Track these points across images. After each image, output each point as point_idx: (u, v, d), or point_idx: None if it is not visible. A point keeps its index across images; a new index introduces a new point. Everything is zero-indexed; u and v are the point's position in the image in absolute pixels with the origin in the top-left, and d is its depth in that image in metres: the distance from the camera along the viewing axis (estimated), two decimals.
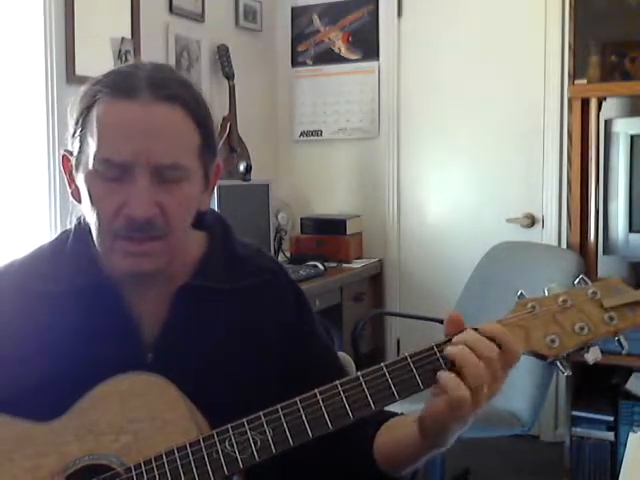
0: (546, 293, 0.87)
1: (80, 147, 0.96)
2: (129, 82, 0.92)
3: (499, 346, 0.83)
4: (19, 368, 0.98)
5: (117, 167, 0.92)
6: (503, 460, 3.06)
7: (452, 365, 0.83)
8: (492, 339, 0.83)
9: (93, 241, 0.97)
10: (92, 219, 0.95)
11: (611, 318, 0.84)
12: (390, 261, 3.63)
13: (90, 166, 0.93)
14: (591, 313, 0.85)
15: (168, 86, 0.93)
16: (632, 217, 2.77)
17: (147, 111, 0.91)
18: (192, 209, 0.99)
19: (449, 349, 0.83)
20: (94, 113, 0.93)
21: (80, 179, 0.97)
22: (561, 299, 0.86)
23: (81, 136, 0.95)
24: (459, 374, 0.82)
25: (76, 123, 0.96)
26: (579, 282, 0.87)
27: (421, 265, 3.57)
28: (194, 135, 0.95)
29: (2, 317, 1.02)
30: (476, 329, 0.85)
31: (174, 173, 0.93)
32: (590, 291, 0.86)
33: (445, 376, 0.82)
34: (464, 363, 0.82)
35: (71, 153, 0.98)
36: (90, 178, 0.94)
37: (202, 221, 1.08)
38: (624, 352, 0.83)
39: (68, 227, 1.07)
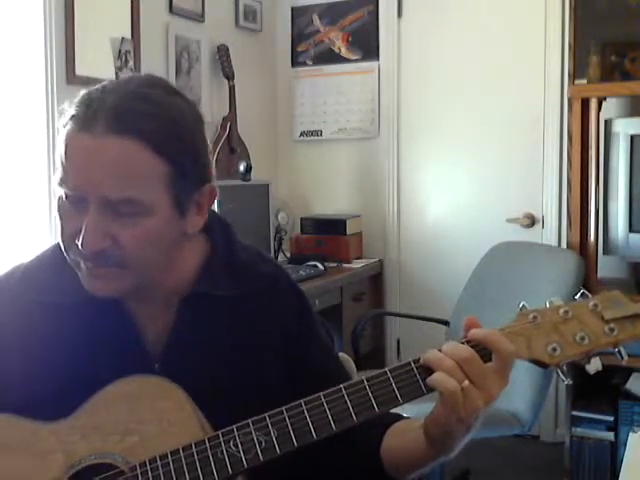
0: (547, 306, 0.89)
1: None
2: (89, 112, 0.90)
3: (490, 349, 0.86)
4: (23, 380, 0.99)
5: (71, 196, 0.92)
6: (503, 460, 3.06)
7: None
8: (480, 343, 0.86)
9: None
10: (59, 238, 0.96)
11: (611, 329, 0.85)
12: (390, 261, 3.64)
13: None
14: (592, 324, 0.86)
15: (126, 118, 0.90)
16: (632, 217, 2.78)
17: (98, 144, 0.89)
18: (159, 240, 0.95)
19: (423, 356, 0.87)
20: (61, 139, 0.93)
21: None
22: (562, 310, 0.87)
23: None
24: None
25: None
26: (580, 296, 0.89)
27: (421, 265, 3.58)
28: (157, 167, 0.91)
29: (5, 327, 1.03)
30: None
31: (128, 207, 0.91)
32: (591, 303, 0.87)
33: (432, 376, 0.86)
34: (436, 364, 0.86)
35: None
36: (57, 199, 0.94)
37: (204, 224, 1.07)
38: (624, 363, 0.84)
39: None
